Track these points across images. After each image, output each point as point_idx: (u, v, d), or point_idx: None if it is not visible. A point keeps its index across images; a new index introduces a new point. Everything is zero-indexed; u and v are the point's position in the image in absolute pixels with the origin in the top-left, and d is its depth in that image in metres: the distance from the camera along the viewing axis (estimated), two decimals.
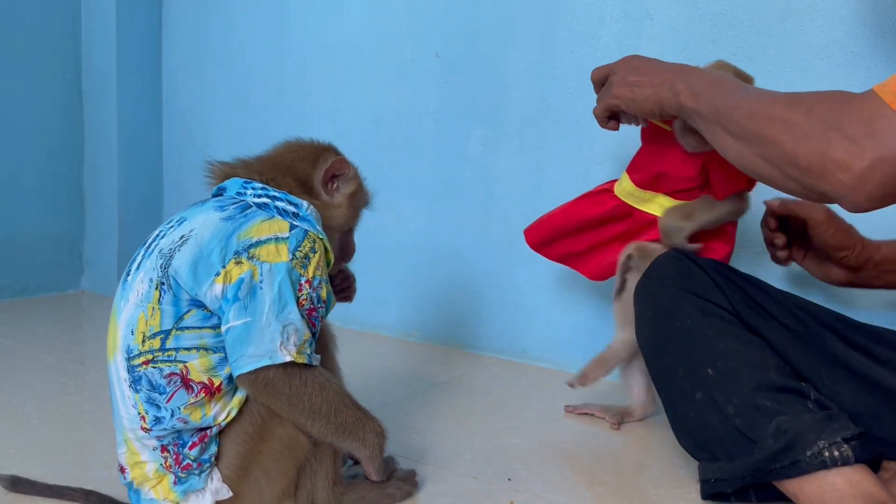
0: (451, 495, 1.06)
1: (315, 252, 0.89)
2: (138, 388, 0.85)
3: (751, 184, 1.22)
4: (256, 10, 2.27)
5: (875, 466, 0.92)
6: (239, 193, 0.93)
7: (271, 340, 0.83)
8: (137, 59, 2.46)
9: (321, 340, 1.00)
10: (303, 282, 0.87)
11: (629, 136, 1.67)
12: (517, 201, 1.82)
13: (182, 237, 0.87)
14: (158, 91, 2.53)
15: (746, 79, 1.17)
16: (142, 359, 0.84)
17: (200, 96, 2.45)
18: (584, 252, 1.35)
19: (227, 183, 0.96)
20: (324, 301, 0.91)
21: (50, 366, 1.66)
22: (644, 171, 1.25)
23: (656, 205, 1.25)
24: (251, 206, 0.90)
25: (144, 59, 2.48)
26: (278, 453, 0.88)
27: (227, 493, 0.88)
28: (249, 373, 0.83)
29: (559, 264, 1.44)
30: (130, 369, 0.85)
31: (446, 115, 1.93)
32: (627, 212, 1.28)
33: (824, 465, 0.88)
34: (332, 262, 0.96)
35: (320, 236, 0.92)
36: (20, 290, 2.38)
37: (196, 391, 0.85)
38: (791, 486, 0.92)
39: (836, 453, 0.88)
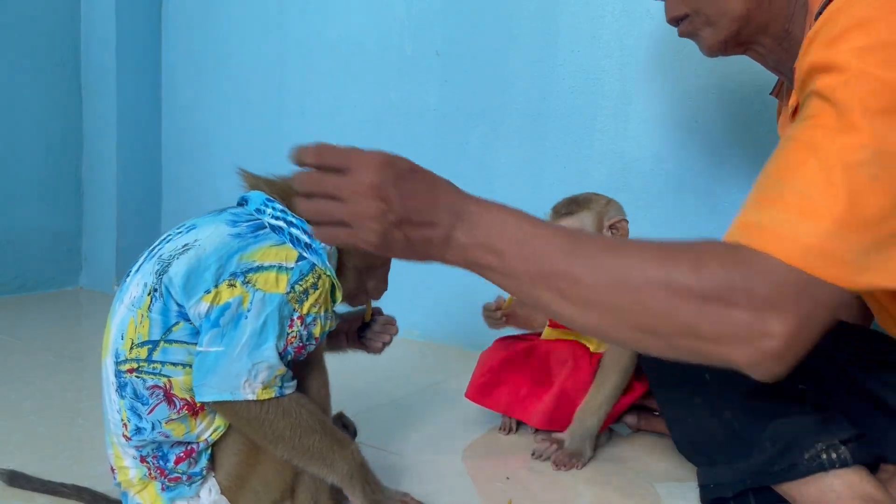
0: (450, 493, 1.06)
1: (316, 288, 0.86)
2: (123, 394, 0.84)
3: None
4: (256, 7, 2.27)
5: (874, 468, 0.92)
6: (258, 210, 0.89)
7: (237, 376, 0.81)
8: (137, 55, 2.45)
9: (314, 351, 0.94)
10: (295, 317, 0.84)
11: (629, 137, 1.67)
12: (517, 199, 1.80)
13: (185, 245, 0.84)
14: (158, 87, 2.53)
15: None
16: (128, 366, 0.83)
17: (200, 93, 2.44)
18: (525, 397, 1.31)
19: (250, 195, 0.92)
20: (316, 338, 0.88)
21: (48, 362, 1.65)
22: None
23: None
24: (265, 227, 0.87)
25: (144, 55, 2.48)
26: (276, 462, 0.87)
27: None
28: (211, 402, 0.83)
29: None
30: (118, 374, 0.84)
31: (446, 113, 1.92)
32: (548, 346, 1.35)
33: (822, 468, 0.88)
34: (340, 299, 0.92)
35: (327, 273, 0.88)
36: (18, 286, 2.38)
37: (178, 407, 0.83)
38: (790, 489, 0.92)
39: (834, 455, 0.88)
